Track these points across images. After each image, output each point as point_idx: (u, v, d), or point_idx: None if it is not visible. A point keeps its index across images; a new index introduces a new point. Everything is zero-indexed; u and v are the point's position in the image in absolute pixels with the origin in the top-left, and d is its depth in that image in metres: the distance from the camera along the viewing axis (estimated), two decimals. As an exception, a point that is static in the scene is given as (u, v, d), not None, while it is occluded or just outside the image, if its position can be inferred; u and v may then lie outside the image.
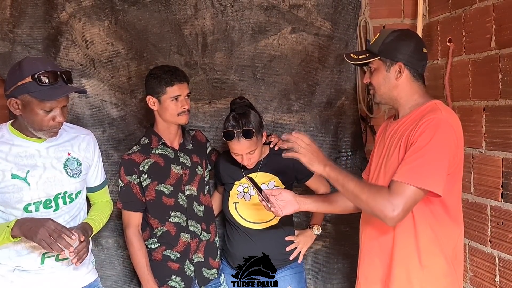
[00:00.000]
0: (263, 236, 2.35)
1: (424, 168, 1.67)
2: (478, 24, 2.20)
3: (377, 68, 1.87)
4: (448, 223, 1.81)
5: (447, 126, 1.70)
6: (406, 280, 1.82)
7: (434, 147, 1.67)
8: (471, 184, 2.28)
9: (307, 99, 2.69)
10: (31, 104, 1.80)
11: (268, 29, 2.60)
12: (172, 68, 2.26)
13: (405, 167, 1.70)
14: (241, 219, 2.36)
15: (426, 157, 1.67)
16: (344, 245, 2.70)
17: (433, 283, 1.81)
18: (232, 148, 2.24)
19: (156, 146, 2.29)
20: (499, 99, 2.07)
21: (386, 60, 1.83)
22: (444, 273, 1.82)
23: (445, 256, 1.81)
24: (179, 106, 2.23)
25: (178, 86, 2.22)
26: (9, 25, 2.36)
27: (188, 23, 2.52)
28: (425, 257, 1.80)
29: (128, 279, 2.56)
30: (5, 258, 1.91)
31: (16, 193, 1.86)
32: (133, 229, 2.27)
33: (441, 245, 1.81)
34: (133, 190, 2.26)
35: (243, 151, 2.22)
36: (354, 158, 2.74)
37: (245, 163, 2.26)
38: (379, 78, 1.86)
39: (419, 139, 1.69)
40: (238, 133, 2.18)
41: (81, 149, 2.06)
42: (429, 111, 1.76)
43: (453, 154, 1.73)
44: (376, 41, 1.88)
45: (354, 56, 1.93)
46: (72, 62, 2.44)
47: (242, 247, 2.36)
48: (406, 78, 1.83)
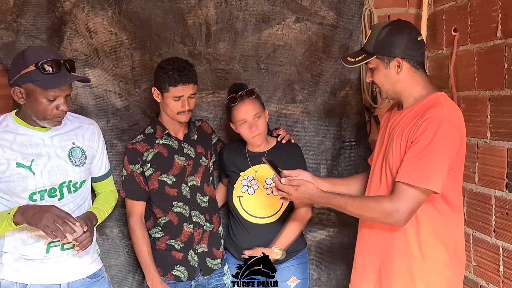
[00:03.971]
0: (267, 230, 2.35)
1: (426, 168, 1.70)
2: (484, 13, 2.18)
3: (376, 66, 1.86)
4: (450, 214, 1.83)
5: (448, 124, 1.70)
6: (407, 272, 1.84)
7: (436, 146, 1.69)
8: (476, 174, 2.27)
9: (311, 89, 2.68)
10: (35, 93, 1.81)
11: (272, 18, 2.58)
12: (182, 66, 2.21)
13: (407, 167, 1.72)
14: (245, 213, 2.36)
15: (428, 157, 1.69)
16: (347, 235, 2.70)
17: (434, 274, 1.82)
18: (237, 115, 2.25)
19: (160, 136, 2.30)
20: (505, 89, 2.06)
21: (383, 58, 1.82)
22: (445, 264, 1.83)
23: (446, 247, 1.83)
24: (180, 106, 2.22)
25: (182, 87, 2.19)
26: (12, 15, 2.35)
27: (191, 13, 2.51)
28: (426, 249, 1.82)
29: (132, 268, 2.57)
30: (10, 247, 1.92)
31: (21, 181, 1.87)
32: (136, 217, 2.29)
33: (442, 237, 1.82)
34: (136, 179, 2.27)
35: (249, 115, 2.24)
36: (358, 149, 2.73)
37: (253, 132, 2.25)
38: (380, 76, 1.86)
39: (421, 138, 1.71)
40: (241, 95, 2.24)
41: (86, 138, 2.07)
42: (430, 105, 1.76)
43: (455, 151, 1.74)
44: (370, 40, 1.86)
45: (351, 59, 1.91)
46: (75, 52, 2.43)
47: (246, 240, 2.37)
48: (406, 71, 1.82)
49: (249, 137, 2.28)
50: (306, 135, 2.71)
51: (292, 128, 2.69)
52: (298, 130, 2.70)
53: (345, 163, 2.74)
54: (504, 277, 2.12)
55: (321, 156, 2.72)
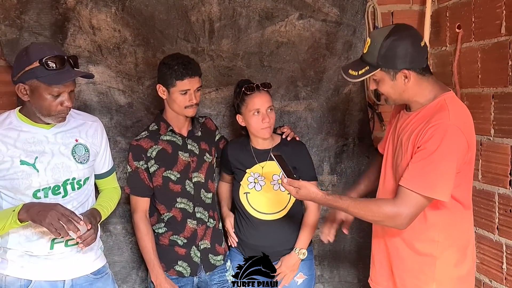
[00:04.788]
0: (274, 226, 2.36)
1: (431, 176, 1.70)
2: (488, 9, 2.17)
3: (381, 78, 1.82)
4: (462, 212, 1.84)
5: (455, 131, 1.69)
6: (420, 271, 1.85)
7: (441, 154, 1.68)
8: (479, 171, 2.27)
9: (314, 86, 2.68)
10: (39, 89, 1.81)
11: (275, 15, 2.58)
12: (186, 60, 2.23)
13: (412, 173, 1.72)
14: (252, 210, 2.37)
15: (434, 165, 1.69)
16: (351, 232, 2.68)
17: (445, 274, 1.83)
18: (252, 104, 2.27)
19: (164, 133, 2.30)
20: (508, 86, 2.06)
21: (389, 70, 1.78)
22: (456, 262, 1.84)
23: (458, 246, 1.84)
24: (187, 100, 2.23)
25: (188, 81, 2.20)
26: (16, 12, 2.35)
27: (195, 9, 2.51)
28: (437, 249, 1.82)
29: (136, 265, 2.58)
30: (15, 244, 1.93)
31: (25, 179, 1.87)
32: (140, 214, 2.29)
33: (454, 236, 1.83)
34: (141, 176, 2.28)
35: (264, 106, 2.27)
36: (361, 146, 2.73)
37: (264, 123, 2.27)
38: (387, 87, 1.83)
39: (427, 145, 1.70)
40: (258, 86, 2.28)
41: (89, 135, 2.07)
42: (437, 110, 1.75)
43: (462, 156, 1.73)
44: (371, 51, 1.79)
45: (353, 73, 1.84)
46: (79, 48, 2.43)
47: (253, 236, 2.37)
48: (414, 79, 1.78)
49: (259, 128, 2.29)
50: (309, 132, 2.71)
51: (295, 125, 2.69)
52: (301, 127, 2.70)
53: (348, 160, 2.74)
54: (507, 274, 2.12)
55: (324, 153, 2.72)
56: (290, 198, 2.36)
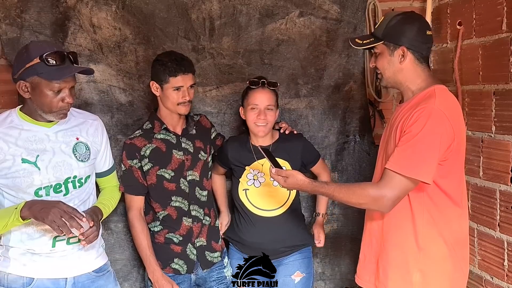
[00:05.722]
0: (273, 222, 2.36)
1: (414, 157, 1.72)
2: (489, 6, 2.17)
3: (381, 52, 1.89)
4: (449, 206, 1.84)
5: (439, 115, 1.72)
6: (403, 262, 1.86)
7: (424, 136, 1.71)
8: (480, 168, 2.27)
9: (315, 83, 2.68)
10: (40, 85, 1.82)
11: (275, 13, 2.57)
12: (179, 56, 2.24)
13: (397, 156, 1.76)
14: (251, 206, 2.37)
15: (417, 147, 1.72)
16: (351, 229, 2.71)
17: (431, 266, 1.83)
18: (252, 98, 2.29)
19: (158, 131, 2.30)
20: (509, 82, 2.05)
21: (390, 44, 1.85)
22: (444, 256, 1.84)
23: (445, 239, 1.84)
24: (180, 97, 2.23)
25: (181, 77, 2.20)
26: (17, 10, 2.36)
27: (195, 7, 2.51)
28: (422, 239, 1.84)
29: (137, 263, 2.58)
30: (17, 241, 1.94)
31: (26, 177, 1.88)
32: (134, 212, 2.30)
33: (439, 228, 1.84)
34: (135, 174, 2.28)
35: (263, 103, 2.28)
36: (362, 143, 2.73)
37: (259, 120, 2.27)
38: (383, 62, 1.89)
39: (411, 128, 1.74)
40: (264, 82, 2.30)
41: (89, 134, 2.08)
42: (425, 98, 1.79)
43: (446, 142, 1.75)
44: (380, 25, 1.89)
45: (359, 41, 1.94)
46: (80, 47, 2.44)
47: (252, 234, 2.38)
48: (410, 61, 1.84)
49: (253, 123, 2.30)
50: (310, 129, 2.70)
51: (296, 122, 2.69)
52: (302, 125, 2.70)
53: (349, 158, 2.74)
54: (508, 271, 2.12)
55: (325, 150, 2.72)
56: (290, 195, 2.37)
